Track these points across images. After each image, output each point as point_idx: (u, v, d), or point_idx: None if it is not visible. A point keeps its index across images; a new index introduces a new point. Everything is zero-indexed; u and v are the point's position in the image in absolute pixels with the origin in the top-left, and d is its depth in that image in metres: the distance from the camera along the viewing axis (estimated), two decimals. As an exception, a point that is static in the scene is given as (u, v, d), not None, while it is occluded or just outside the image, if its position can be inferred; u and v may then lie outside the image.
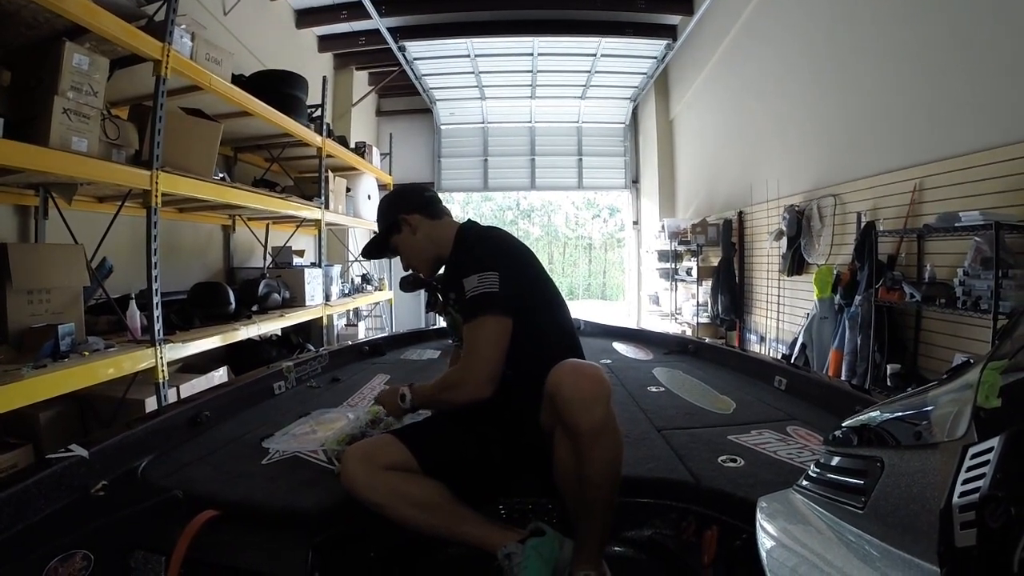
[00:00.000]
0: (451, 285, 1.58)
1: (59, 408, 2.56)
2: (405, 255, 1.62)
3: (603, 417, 1.12)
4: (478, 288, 1.34)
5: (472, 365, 1.34)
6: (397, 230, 1.58)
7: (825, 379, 2.62)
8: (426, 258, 1.59)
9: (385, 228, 1.60)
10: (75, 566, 1.02)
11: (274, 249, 5.17)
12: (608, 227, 18.58)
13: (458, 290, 1.44)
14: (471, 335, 1.35)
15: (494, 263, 1.36)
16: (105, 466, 1.37)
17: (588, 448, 1.12)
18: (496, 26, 6.85)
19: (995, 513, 0.48)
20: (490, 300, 1.32)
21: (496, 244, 1.48)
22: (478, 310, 1.33)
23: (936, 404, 0.72)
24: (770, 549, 0.87)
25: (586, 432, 1.11)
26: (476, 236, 1.54)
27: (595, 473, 1.13)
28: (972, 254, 2.79)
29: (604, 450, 1.13)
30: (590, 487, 1.14)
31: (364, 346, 3.19)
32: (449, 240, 1.56)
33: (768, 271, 5.37)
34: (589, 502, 1.16)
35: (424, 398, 1.46)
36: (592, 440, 1.12)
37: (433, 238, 1.57)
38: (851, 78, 4.10)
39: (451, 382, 1.40)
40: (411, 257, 1.61)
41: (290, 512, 1.25)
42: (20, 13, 2.15)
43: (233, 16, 4.99)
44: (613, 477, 1.16)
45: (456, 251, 1.54)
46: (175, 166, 2.78)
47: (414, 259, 1.61)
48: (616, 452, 1.16)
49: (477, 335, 1.34)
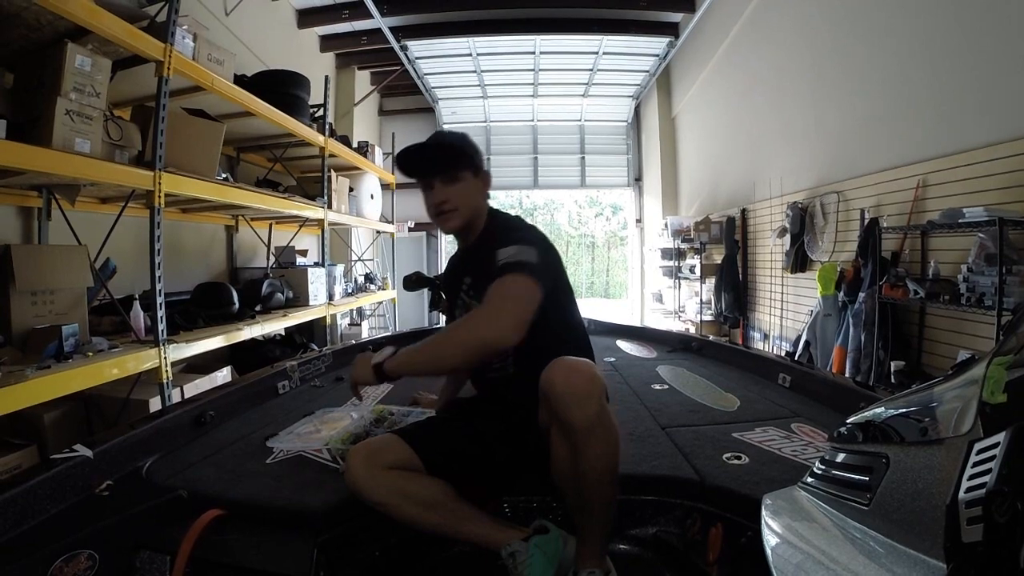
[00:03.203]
0: (469, 267, 1.50)
1: (63, 409, 2.57)
2: (458, 197, 1.43)
3: (596, 412, 1.12)
4: (516, 256, 1.26)
5: (498, 305, 1.21)
6: (473, 172, 1.46)
7: (829, 376, 2.61)
8: (469, 216, 1.46)
9: (466, 161, 1.45)
10: (80, 566, 1.02)
11: (277, 249, 5.18)
12: (611, 225, 18.58)
13: (476, 272, 1.39)
14: (498, 288, 1.22)
15: (534, 242, 1.32)
16: (110, 466, 1.38)
17: (583, 444, 1.12)
18: (498, 25, 6.85)
19: (1001, 508, 0.48)
20: (528, 266, 1.24)
21: (537, 230, 1.45)
22: (510, 270, 1.24)
23: (941, 400, 0.72)
24: (775, 546, 0.87)
25: (580, 428, 1.11)
26: (515, 219, 1.51)
27: (591, 468, 1.13)
28: (976, 250, 2.78)
29: (599, 445, 1.12)
30: (587, 483, 1.14)
31: (368, 345, 3.19)
32: (484, 219, 1.50)
33: (771, 268, 5.36)
34: (588, 498, 1.16)
35: (411, 353, 1.28)
36: (587, 435, 1.11)
37: (480, 210, 1.49)
38: (854, 74, 4.08)
39: (462, 322, 1.27)
40: (463, 202, 1.43)
41: (295, 511, 1.25)
42: (22, 15, 2.16)
43: (235, 16, 5.00)
44: (610, 472, 1.15)
45: (490, 228, 1.48)
46: (178, 166, 2.79)
47: (464, 205, 1.44)
48: (611, 447, 1.15)
49: (507, 286, 1.22)
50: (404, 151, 1.45)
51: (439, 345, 1.25)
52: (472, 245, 1.51)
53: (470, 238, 1.51)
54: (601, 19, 6.84)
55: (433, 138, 1.47)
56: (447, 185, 1.42)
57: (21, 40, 2.35)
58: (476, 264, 1.41)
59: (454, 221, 1.45)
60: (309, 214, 4.67)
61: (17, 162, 1.97)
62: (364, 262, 7.22)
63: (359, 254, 7.17)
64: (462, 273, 1.54)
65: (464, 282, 1.51)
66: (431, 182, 1.43)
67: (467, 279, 1.50)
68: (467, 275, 1.51)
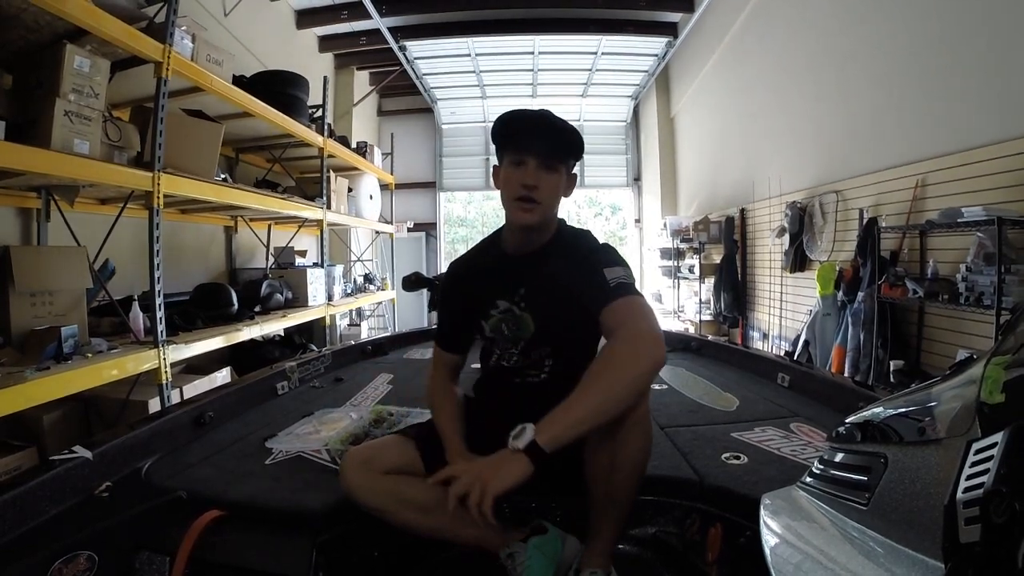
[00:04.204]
0: (525, 275, 1.34)
1: (63, 410, 2.57)
2: (550, 188, 1.27)
3: (643, 408, 1.12)
4: (627, 279, 1.20)
5: (646, 327, 1.11)
6: (569, 169, 1.32)
7: (828, 376, 2.61)
8: (550, 212, 1.31)
9: (576, 156, 1.33)
10: (79, 567, 1.02)
11: (276, 249, 5.18)
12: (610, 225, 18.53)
13: (534, 283, 1.32)
14: (637, 306, 1.15)
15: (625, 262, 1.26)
16: (109, 467, 1.37)
17: (624, 437, 1.11)
18: (497, 25, 6.85)
19: (999, 508, 0.48)
20: (639, 291, 1.20)
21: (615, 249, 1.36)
22: (631, 291, 1.18)
23: (940, 400, 0.72)
24: (774, 546, 0.87)
25: (627, 421, 1.10)
26: (587, 232, 1.40)
27: (627, 461, 1.12)
28: (975, 250, 2.78)
29: (639, 440, 1.13)
30: (620, 478, 1.13)
31: (367, 346, 3.19)
32: (555, 220, 1.37)
33: (770, 268, 5.37)
34: (615, 495, 1.15)
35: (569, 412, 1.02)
36: (630, 429, 1.11)
37: (557, 210, 1.34)
38: (852, 74, 4.09)
39: (619, 356, 1.08)
40: (552, 195, 1.28)
41: (294, 512, 1.25)
42: (21, 16, 2.16)
43: (233, 17, 5.00)
44: (642, 468, 1.15)
45: (563, 237, 1.36)
46: (177, 167, 2.78)
47: (552, 200, 1.29)
48: (648, 443, 1.15)
49: (641, 309, 1.15)
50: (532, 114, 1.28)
51: (607, 389, 1.04)
52: (533, 252, 1.34)
53: (532, 242, 1.34)
54: (600, 19, 6.85)
55: (558, 120, 1.29)
56: (547, 172, 1.26)
57: (20, 41, 2.35)
58: (538, 273, 1.31)
59: (535, 215, 1.27)
60: (308, 215, 4.66)
61: (16, 163, 1.97)
62: (363, 262, 7.21)
63: (358, 254, 7.17)
64: (511, 281, 1.35)
65: (518, 292, 1.34)
66: (531, 160, 1.25)
67: (521, 289, 1.34)
68: (522, 285, 1.34)
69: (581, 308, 1.19)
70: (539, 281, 1.31)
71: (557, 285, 1.27)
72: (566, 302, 1.25)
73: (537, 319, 1.32)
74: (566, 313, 1.26)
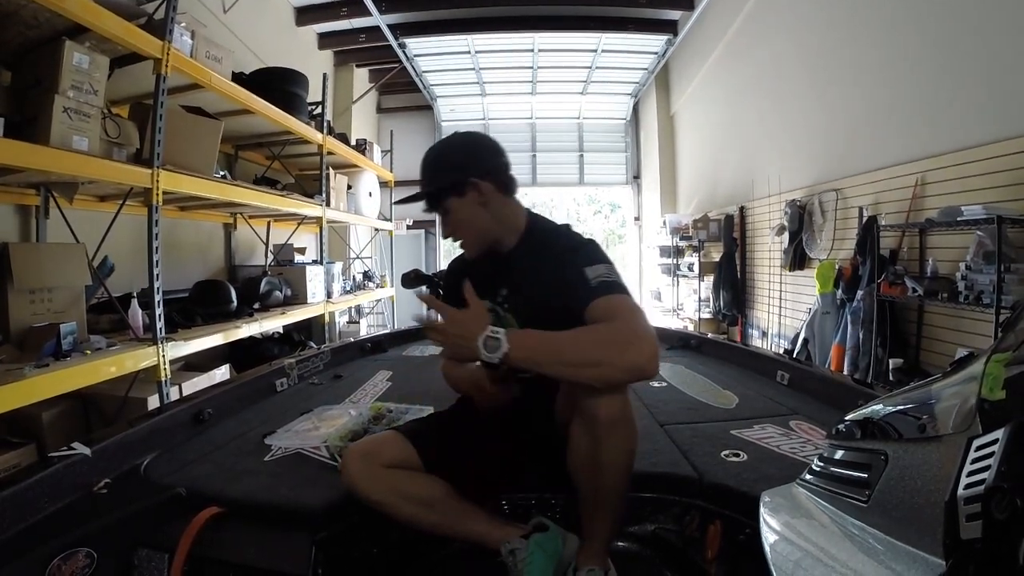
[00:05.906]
0: (504, 277, 1.35)
1: (61, 407, 2.56)
2: (458, 226, 1.30)
3: (621, 406, 1.11)
4: (611, 276, 1.17)
5: (643, 327, 1.07)
6: (459, 193, 1.28)
7: (828, 373, 2.61)
8: (483, 238, 1.32)
9: (444, 186, 1.29)
10: (78, 564, 1.02)
11: (275, 247, 5.17)
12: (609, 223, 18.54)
13: (514, 284, 1.32)
14: (625, 303, 1.13)
15: (609, 260, 1.23)
16: (108, 464, 1.37)
17: (605, 435, 1.10)
18: (496, 22, 6.84)
19: (1000, 505, 0.48)
20: (626, 289, 1.17)
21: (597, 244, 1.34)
22: (619, 290, 1.15)
23: (940, 397, 0.72)
24: (774, 543, 0.87)
25: (605, 420, 1.09)
26: (565, 227, 1.37)
27: (611, 461, 1.11)
28: (974, 248, 2.78)
29: (620, 438, 1.12)
30: (605, 476, 1.13)
31: (366, 343, 3.19)
32: (518, 225, 1.35)
33: (770, 266, 5.37)
34: (603, 494, 1.15)
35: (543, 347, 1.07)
36: (610, 427, 1.10)
37: (501, 217, 1.32)
38: (852, 72, 4.08)
39: (613, 338, 1.06)
40: (465, 230, 1.31)
41: (293, 508, 1.25)
42: (20, 13, 2.15)
43: (233, 14, 4.98)
44: (627, 467, 1.14)
45: (535, 237, 1.35)
46: (176, 164, 2.78)
47: (468, 233, 1.31)
48: (631, 442, 1.14)
49: (632, 305, 1.13)
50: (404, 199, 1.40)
51: (584, 349, 1.05)
52: (509, 254, 1.36)
53: (498, 250, 1.37)
54: (600, 16, 6.84)
55: (425, 161, 1.35)
56: (445, 215, 1.31)
57: (19, 38, 2.34)
58: (513, 274, 1.33)
59: (471, 249, 1.34)
60: (307, 212, 4.66)
61: (15, 160, 1.96)
62: (362, 260, 7.21)
63: (357, 252, 7.16)
64: (495, 283, 1.37)
65: (500, 293, 1.36)
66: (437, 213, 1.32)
67: (503, 290, 1.36)
68: (503, 286, 1.36)
69: (563, 307, 1.17)
70: (516, 282, 1.33)
71: (534, 285, 1.28)
72: (545, 302, 1.25)
73: (520, 319, 1.33)
74: (547, 312, 1.23)
